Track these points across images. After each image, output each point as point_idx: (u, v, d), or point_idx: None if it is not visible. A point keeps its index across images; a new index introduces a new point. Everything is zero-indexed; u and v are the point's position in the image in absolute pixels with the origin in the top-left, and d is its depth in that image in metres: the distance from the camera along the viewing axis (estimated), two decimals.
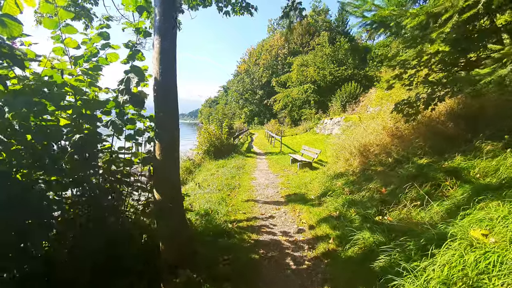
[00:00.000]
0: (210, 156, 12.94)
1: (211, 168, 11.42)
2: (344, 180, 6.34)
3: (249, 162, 12.05)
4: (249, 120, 44.40)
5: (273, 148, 17.12)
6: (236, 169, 10.14)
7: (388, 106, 9.89)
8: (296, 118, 32.33)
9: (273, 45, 39.05)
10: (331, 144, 11.18)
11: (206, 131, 13.28)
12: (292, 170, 9.85)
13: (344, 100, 27.58)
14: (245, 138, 26.76)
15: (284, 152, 14.67)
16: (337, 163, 7.62)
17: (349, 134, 10.38)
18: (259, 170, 10.18)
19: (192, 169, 12.27)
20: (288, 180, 8.15)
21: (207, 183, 8.43)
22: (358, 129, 9.41)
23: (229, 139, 14.17)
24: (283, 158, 12.75)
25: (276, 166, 10.91)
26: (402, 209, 3.93)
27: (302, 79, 31.84)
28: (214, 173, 10.30)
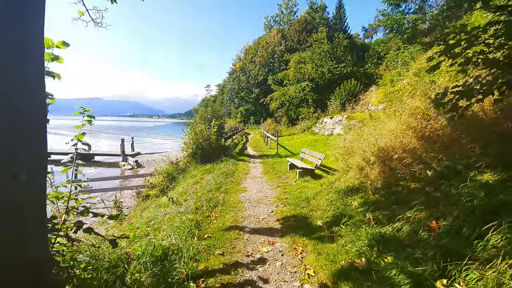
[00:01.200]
0: (196, 160, 11.19)
1: (196, 175, 9.69)
2: (361, 198, 4.63)
3: (241, 167, 10.32)
4: (245, 119, 42.63)
5: (269, 150, 15.40)
6: (224, 177, 8.40)
7: (406, 102, 8.20)
8: (293, 118, 30.66)
9: (270, 42, 37.30)
10: (336, 146, 9.50)
11: (193, 131, 11.52)
12: (290, 178, 8.14)
13: (344, 98, 25.99)
14: (240, 138, 25.03)
15: (281, 155, 12.95)
16: (348, 173, 5.91)
17: (357, 135, 8.71)
18: (252, 178, 8.45)
19: (176, 175, 10.52)
20: (285, 193, 6.43)
21: (184, 197, 6.69)
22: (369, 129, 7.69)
23: (219, 140, 12.43)
24: (280, 162, 11.03)
25: (272, 172, 9.18)
26: (484, 268, 2.23)
27: (299, 76, 30.15)
28: (198, 181, 8.58)
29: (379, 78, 27.98)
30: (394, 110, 7.07)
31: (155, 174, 9.97)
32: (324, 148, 12.67)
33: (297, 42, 37.69)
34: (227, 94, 44.93)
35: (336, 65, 28.81)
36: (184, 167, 10.95)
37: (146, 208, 7.79)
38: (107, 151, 21.27)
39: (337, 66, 28.78)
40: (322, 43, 30.39)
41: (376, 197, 4.44)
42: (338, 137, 14.51)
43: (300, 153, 9.56)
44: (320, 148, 13.20)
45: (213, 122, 11.62)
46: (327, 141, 14.46)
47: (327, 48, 29.99)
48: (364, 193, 4.79)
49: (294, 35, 38.30)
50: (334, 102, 25.95)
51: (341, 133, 14.68)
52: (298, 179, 7.43)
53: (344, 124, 14.84)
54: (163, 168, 11.11)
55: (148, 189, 9.94)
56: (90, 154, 20.55)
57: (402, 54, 22.90)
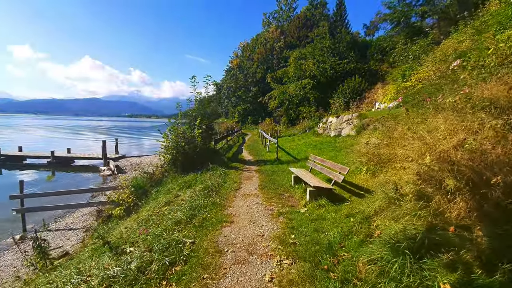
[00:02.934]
0: (176, 169, 8.79)
1: (172, 189, 7.28)
2: (453, 273, 2.22)
3: (232, 178, 7.89)
4: (242, 119, 40.14)
5: (267, 154, 12.97)
6: (205, 195, 5.99)
7: None
8: (293, 117, 28.28)
9: (268, 38, 34.83)
10: (356, 152, 7.12)
11: (174, 131, 9.10)
12: (296, 198, 5.73)
13: (348, 96, 23.70)
14: (235, 139, 22.61)
15: (282, 160, 10.54)
16: (401, 206, 3.45)
17: (387, 137, 6.33)
18: (243, 197, 6.03)
19: (148, 187, 8.10)
20: (292, 229, 4.01)
21: (134, 236, 4.29)
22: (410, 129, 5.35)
23: (207, 143, 10.00)
24: (281, 172, 8.63)
25: (270, 187, 6.75)
26: None
27: (300, 74, 27.74)
28: (171, 201, 6.18)
29: (385, 74, 25.74)
30: (453, 101, 4.68)
31: (119, 188, 7.55)
32: (334, 152, 10.27)
33: (297, 38, 35.25)
34: (223, 92, 42.43)
35: (339, 61, 26.43)
36: (161, 177, 8.53)
37: (90, 253, 5.39)
38: (88, 154, 18.79)
39: (340, 63, 26.41)
40: (323, 38, 27.99)
41: (486, 277, 2.03)
42: (349, 138, 12.14)
43: (307, 160, 7.14)
44: (328, 152, 10.80)
45: (197, 121, 9.22)
46: (335, 144, 12.09)
47: (329, 44, 27.60)
48: (454, 256, 2.38)
49: (293, 31, 35.85)
50: (337, 101, 23.63)
51: (351, 134, 12.31)
52: (309, 202, 5.01)
53: (355, 123, 12.45)
54: (137, 176, 8.69)
55: (110, 207, 7.53)
56: (69, 157, 18.11)
57: (412, 47, 20.55)
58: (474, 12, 17.67)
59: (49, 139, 35.36)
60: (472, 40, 12.62)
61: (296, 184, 6.52)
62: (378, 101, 19.97)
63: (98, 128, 77.95)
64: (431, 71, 15.40)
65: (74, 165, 18.21)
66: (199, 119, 9.29)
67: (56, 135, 43.53)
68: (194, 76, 9.87)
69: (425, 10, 24.54)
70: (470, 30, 16.02)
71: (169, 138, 8.93)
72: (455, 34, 17.46)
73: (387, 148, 6.05)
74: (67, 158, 17.89)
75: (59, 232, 8.01)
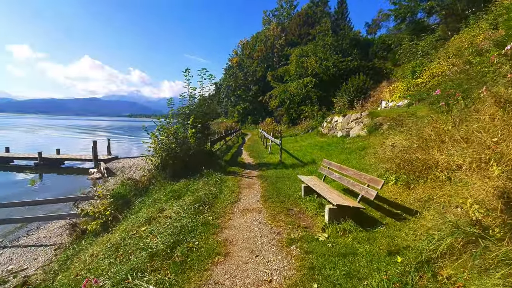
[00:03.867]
0: (165, 174, 7.54)
1: (159, 200, 6.05)
2: None
3: (229, 186, 6.64)
4: (242, 119, 38.81)
5: (269, 156, 11.72)
6: (196, 211, 4.75)
7: None
8: (295, 117, 27.05)
9: (269, 35, 33.51)
10: (380, 156, 5.92)
11: (163, 131, 7.85)
12: (308, 216, 4.49)
13: (352, 95, 22.52)
14: (235, 139, 21.36)
15: (286, 164, 9.30)
16: (490, 251, 2.18)
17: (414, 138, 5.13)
18: (242, 213, 4.79)
19: (132, 197, 6.85)
20: (312, 275, 2.75)
21: (97, 270, 3.04)
22: None
23: (202, 145, 8.76)
24: (286, 178, 7.40)
25: (276, 199, 5.49)
26: None
27: (301, 72, 26.49)
28: (154, 217, 4.94)
29: (390, 72, 24.57)
30: None
31: (96, 197, 6.31)
32: (344, 155, 9.03)
33: (298, 36, 33.98)
34: (222, 92, 41.07)
35: (342, 59, 25.20)
36: (147, 184, 7.27)
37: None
38: (78, 156, 17.52)
39: (343, 60, 25.18)
40: (326, 35, 26.74)
41: None
42: (360, 139, 10.88)
43: (314, 163, 5.89)
44: (337, 155, 9.57)
45: (190, 120, 7.97)
46: (344, 145, 10.84)
47: (331, 41, 26.36)
48: None
49: (294, 29, 34.57)
50: (341, 99, 22.44)
51: (361, 134, 11.07)
52: (329, 225, 3.77)
53: (365, 122, 11.21)
54: (122, 181, 7.44)
55: (87, 220, 6.29)
56: (58, 159, 16.84)
57: (420, 43, 19.36)
58: (483, 7, 16.58)
59: (51, 139, 34.16)
60: None
61: (307, 196, 5.28)
62: (384, 99, 18.77)
63: (98, 128, 76.64)
64: (445, 66, 14.22)
65: (64, 167, 16.95)
66: (192, 117, 8.04)
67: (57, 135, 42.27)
68: (188, 69, 8.62)
69: (432, 5, 23.35)
70: (483, 25, 14.83)
71: (158, 139, 7.67)
72: (468, 29, 16.25)
73: (421, 152, 4.83)
74: (56, 159, 16.62)
75: (27, 249, 6.77)
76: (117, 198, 6.54)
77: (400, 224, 3.50)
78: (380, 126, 10.18)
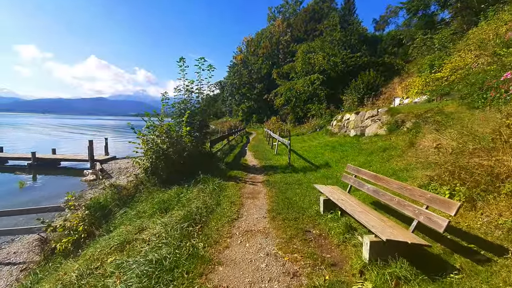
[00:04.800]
0: (155, 180, 6.38)
1: (144, 213, 4.89)
2: None
3: (229, 196, 5.43)
4: (247, 117, 37.55)
5: (275, 157, 10.48)
6: (182, 234, 3.56)
7: None
8: (301, 115, 25.74)
9: (274, 31, 32.15)
10: (421, 160, 4.69)
11: (154, 130, 6.69)
12: (333, 243, 3.25)
13: (362, 92, 21.14)
14: (239, 138, 20.16)
15: (296, 167, 8.05)
16: None
17: (477, 141, 3.86)
18: (243, 238, 3.57)
19: (114, 207, 5.70)
20: None
21: None
22: None
23: (199, 145, 7.57)
24: (297, 184, 6.16)
25: (287, 215, 4.23)
26: None
27: (308, 68, 25.13)
28: (130, 241, 3.77)
29: (401, 68, 23.16)
30: None
31: (67, 208, 5.17)
32: (363, 157, 7.73)
33: (304, 32, 32.59)
34: (226, 90, 39.84)
35: (351, 55, 23.77)
36: (133, 191, 6.11)
37: None
38: (74, 156, 16.52)
39: (352, 56, 23.75)
40: (334, 30, 25.34)
41: None
42: (379, 139, 9.53)
43: (344, 176, 4.62)
44: (353, 156, 8.29)
45: (185, 116, 6.79)
46: (360, 145, 9.53)
47: (339, 36, 24.95)
48: None
49: (300, 25, 33.17)
50: (350, 97, 21.05)
51: (380, 133, 9.74)
52: (370, 265, 2.53)
53: (384, 120, 9.88)
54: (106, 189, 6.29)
55: (60, 236, 5.16)
56: (54, 159, 15.86)
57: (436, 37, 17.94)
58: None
59: (58, 138, 33.59)
60: None
61: (327, 212, 4.04)
62: (398, 96, 17.38)
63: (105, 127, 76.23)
64: (469, 58, 12.83)
65: (61, 167, 15.98)
66: (187, 112, 6.85)
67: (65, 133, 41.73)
68: (182, 58, 7.41)
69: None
70: (506, 16, 13.41)
71: (147, 138, 6.50)
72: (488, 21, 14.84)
73: (483, 156, 3.56)
74: (51, 159, 15.64)
75: None
76: (95, 209, 5.39)
77: (485, 271, 2.25)
78: (403, 124, 8.86)
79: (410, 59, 23.68)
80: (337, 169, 7.20)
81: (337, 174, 6.64)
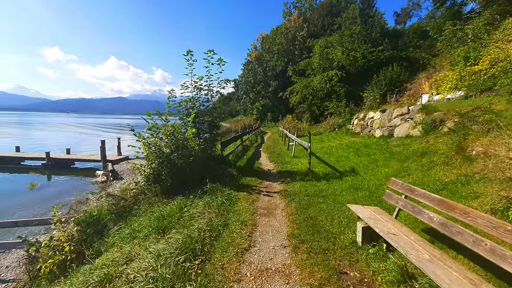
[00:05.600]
0: (157, 189, 5.57)
1: (137, 232, 4.07)
2: None
3: (239, 213, 4.49)
4: (261, 116, 36.53)
5: (293, 161, 9.46)
6: (175, 274, 2.66)
7: None
8: (317, 114, 24.45)
9: (290, 27, 30.83)
10: (491, 178, 3.50)
11: (156, 132, 5.88)
12: None
13: (384, 88, 19.62)
14: (253, 138, 19.22)
15: (317, 174, 7.00)
16: None
17: None
18: (254, 280, 2.63)
19: (110, 221, 4.95)
20: None
21: None
22: None
23: (207, 149, 6.70)
24: (321, 197, 5.14)
25: (313, 245, 3.24)
26: None
27: (325, 64, 23.73)
28: (111, 278, 2.89)
29: (428, 62, 21.29)
30: None
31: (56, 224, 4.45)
32: (396, 163, 6.55)
33: (321, 27, 31.07)
34: (241, 88, 38.96)
35: (372, 49, 22.14)
36: (133, 202, 5.33)
37: None
38: (87, 156, 16.25)
39: (374, 50, 22.11)
40: (354, 23, 23.77)
41: None
42: (413, 141, 8.25)
43: (364, 177, 3.57)
44: (383, 160, 7.11)
45: (191, 116, 5.94)
46: (390, 148, 8.29)
47: (359, 29, 23.34)
48: None
49: (317, 20, 31.64)
50: (371, 94, 19.56)
51: (413, 134, 8.46)
52: None
53: (417, 119, 8.59)
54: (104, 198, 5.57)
55: (47, 256, 4.44)
56: (67, 159, 15.64)
57: (469, 27, 16.19)
58: None
59: (80, 137, 34.38)
60: None
61: (367, 244, 3.03)
62: (425, 92, 15.78)
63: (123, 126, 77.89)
64: (511, 49, 11.24)
65: (74, 168, 15.76)
66: (194, 112, 5.99)
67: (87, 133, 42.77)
68: (190, 51, 6.54)
69: None
70: None
71: (149, 141, 5.70)
72: None
73: None
74: (64, 160, 15.42)
75: None
76: (87, 224, 4.65)
77: None
78: (442, 124, 7.58)
79: (437, 52, 21.79)
80: (367, 178, 6.09)
81: (369, 184, 5.55)
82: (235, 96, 56.50)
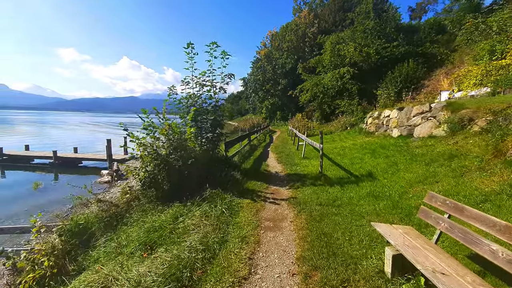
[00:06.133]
0: (152, 195, 5.01)
1: (123, 247, 3.50)
2: None
3: (240, 227, 3.88)
4: (270, 115, 35.78)
5: (303, 162, 8.75)
6: None
7: None
8: (328, 112, 23.53)
9: (300, 24, 29.88)
10: None
11: (152, 131, 5.32)
12: None
13: (399, 85, 18.56)
14: (261, 137, 18.58)
15: (329, 178, 6.30)
16: None
17: None
18: None
19: (97, 230, 4.43)
20: None
21: None
22: None
23: (209, 150, 6.10)
24: (335, 207, 4.44)
25: (329, 273, 2.60)
26: None
27: (337, 61, 22.75)
28: None
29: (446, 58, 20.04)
30: None
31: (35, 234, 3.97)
32: (420, 167, 5.74)
33: (333, 23, 29.99)
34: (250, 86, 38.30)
35: (387, 44, 21.01)
36: (125, 209, 4.80)
37: None
38: (93, 155, 16.04)
39: (388, 46, 20.98)
40: (367, 18, 22.66)
41: None
42: (438, 142, 7.36)
43: (383, 183, 2.87)
44: (405, 165, 6.30)
45: (190, 115, 5.37)
46: (411, 150, 7.42)
47: (373, 24, 22.22)
48: None
49: (328, 16, 30.57)
50: (386, 91, 18.49)
51: (436, 134, 7.58)
52: None
53: (442, 118, 7.72)
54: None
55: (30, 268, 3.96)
56: (74, 158, 15.48)
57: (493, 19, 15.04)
58: None
59: (94, 136, 34.73)
60: None
61: (399, 275, 2.35)
62: (444, 89, 14.68)
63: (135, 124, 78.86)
64: None
65: (81, 166, 15.58)
66: (193, 110, 5.41)
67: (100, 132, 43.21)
68: (190, 43, 5.95)
69: None
70: None
71: (144, 142, 5.15)
72: None
73: None
74: (72, 158, 15.26)
75: None
76: (72, 234, 4.15)
77: None
78: (470, 123, 6.71)
79: (455, 48, 20.51)
80: (387, 183, 5.34)
81: (390, 192, 4.81)
82: (244, 95, 55.91)
